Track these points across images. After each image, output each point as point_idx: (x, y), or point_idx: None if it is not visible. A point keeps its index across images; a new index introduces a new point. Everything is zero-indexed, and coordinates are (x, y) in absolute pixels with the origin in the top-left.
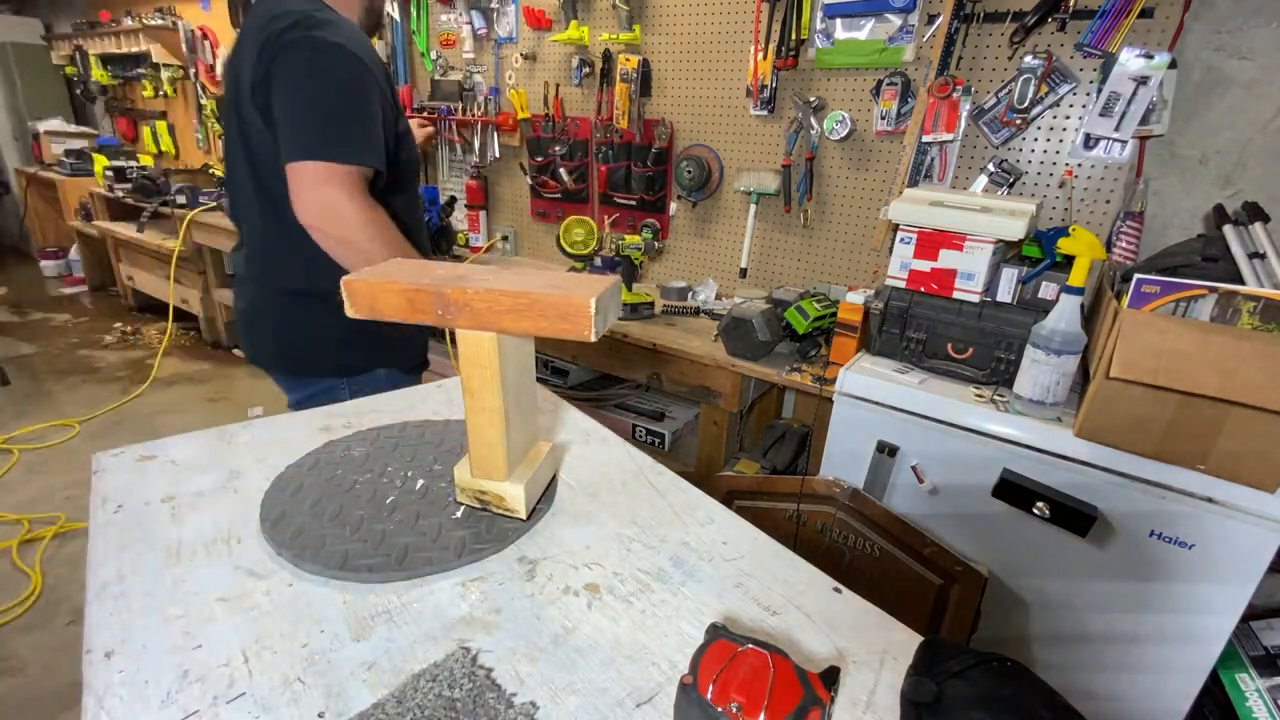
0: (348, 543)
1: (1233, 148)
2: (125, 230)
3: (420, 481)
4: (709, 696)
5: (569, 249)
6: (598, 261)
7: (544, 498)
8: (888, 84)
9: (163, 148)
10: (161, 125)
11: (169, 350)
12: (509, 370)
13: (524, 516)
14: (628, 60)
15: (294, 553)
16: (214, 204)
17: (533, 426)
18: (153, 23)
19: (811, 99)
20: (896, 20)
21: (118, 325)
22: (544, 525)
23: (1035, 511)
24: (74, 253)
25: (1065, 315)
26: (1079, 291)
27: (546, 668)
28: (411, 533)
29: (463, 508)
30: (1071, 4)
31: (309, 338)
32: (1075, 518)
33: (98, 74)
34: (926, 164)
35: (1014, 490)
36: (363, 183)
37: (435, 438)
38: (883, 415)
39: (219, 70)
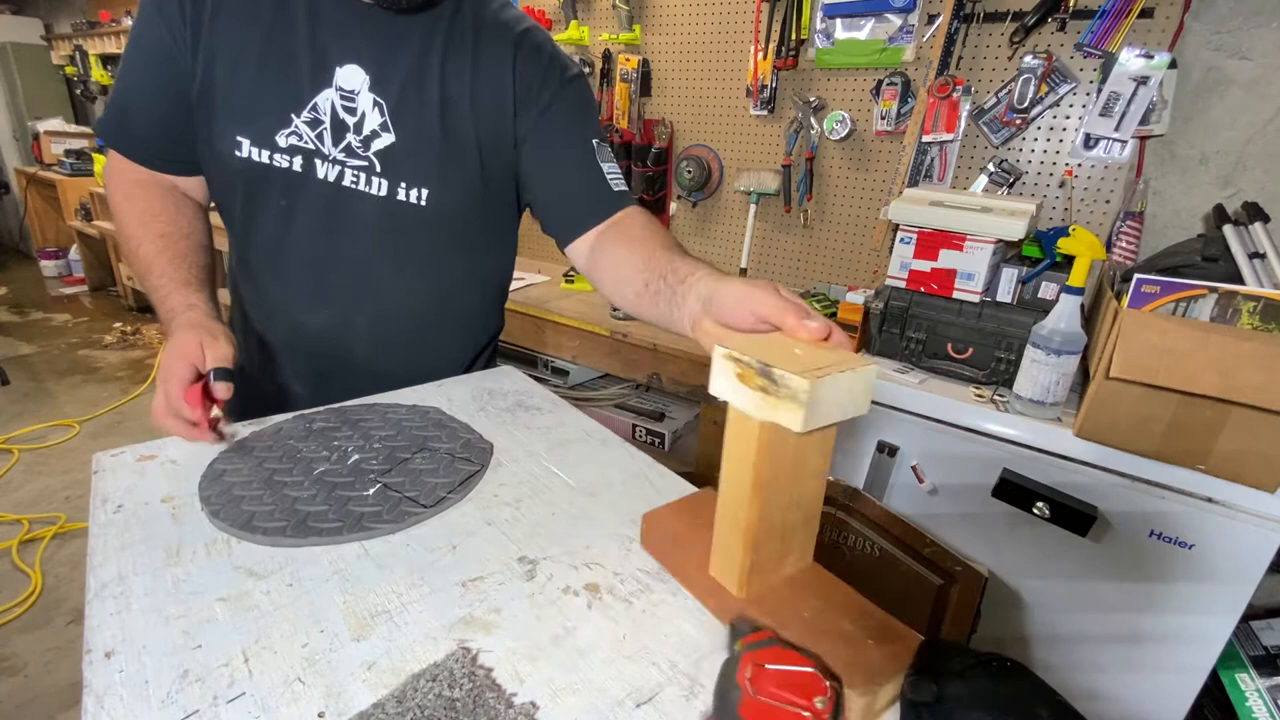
0: (259, 505)
1: (1233, 148)
2: None
3: (355, 457)
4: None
5: None
6: None
7: (460, 488)
8: (888, 84)
9: None
10: None
11: None
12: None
13: None
14: (628, 60)
15: (211, 510)
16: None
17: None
18: None
19: (811, 99)
20: (896, 20)
21: (118, 325)
22: (544, 525)
23: (1035, 511)
24: (74, 253)
25: (1065, 315)
26: (1079, 291)
27: (546, 668)
28: (319, 503)
29: (378, 486)
30: (1071, 4)
31: None
32: (1075, 517)
33: (98, 74)
34: (926, 164)
35: (1014, 490)
36: (114, 155)
37: (395, 418)
38: (883, 415)
39: None
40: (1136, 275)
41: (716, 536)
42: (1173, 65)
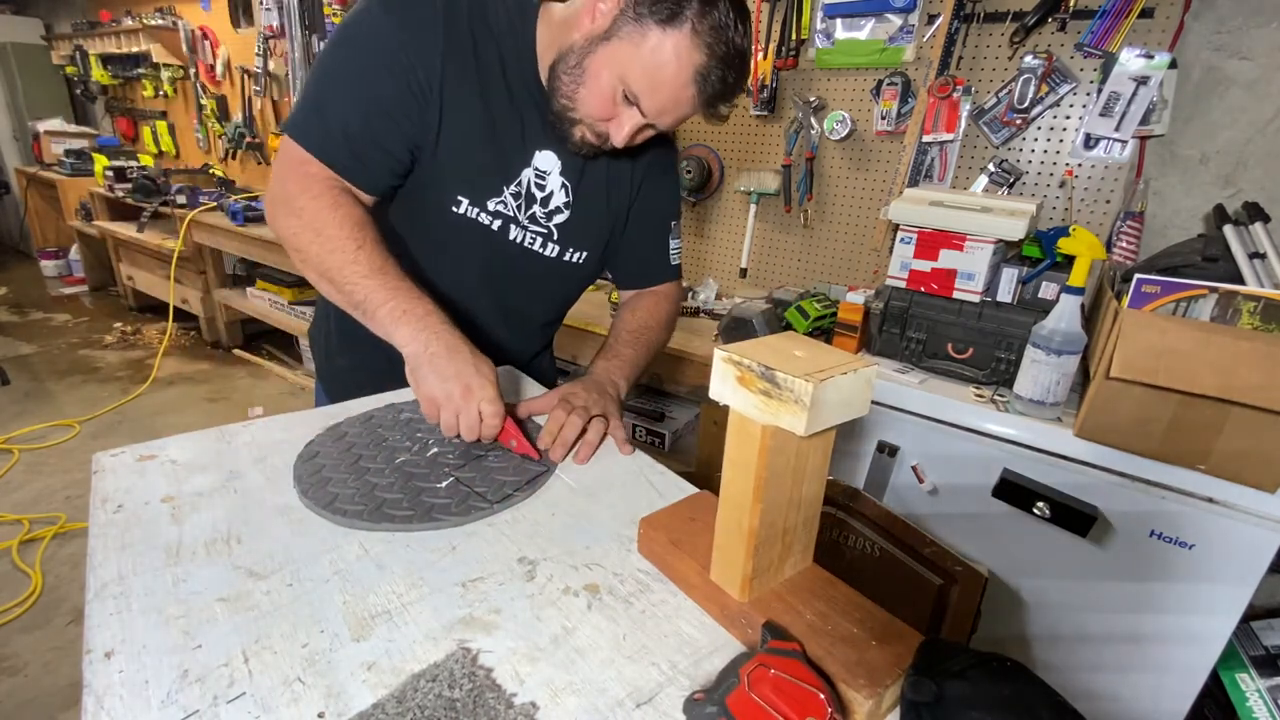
0: (343, 488)
1: (1233, 148)
2: (125, 230)
3: (434, 450)
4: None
5: None
6: None
7: (526, 487)
8: (888, 84)
9: (163, 148)
10: (161, 125)
11: (169, 350)
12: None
13: None
14: None
15: (300, 489)
16: (214, 204)
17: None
18: (153, 23)
19: (811, 99)
20: (896, 20)
21: (118, 325)
22: (544, 525)
23: (1035, 511)
24: (74, 253)
25: (1065, 315)
26: (1079, 291)
27: (546, 668)
28: (395, 491)
29: (450, 480)
30: (1071, 4)
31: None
32: (1075, 518)
33: (98, 74)
34: (926, 164)
35: (1014, 490)
36: (304, 162)
37: None
38: (883, 415)
39: (219, 70)
40: (1137, 275)
41: (718, 540)
42: (1173, 65)
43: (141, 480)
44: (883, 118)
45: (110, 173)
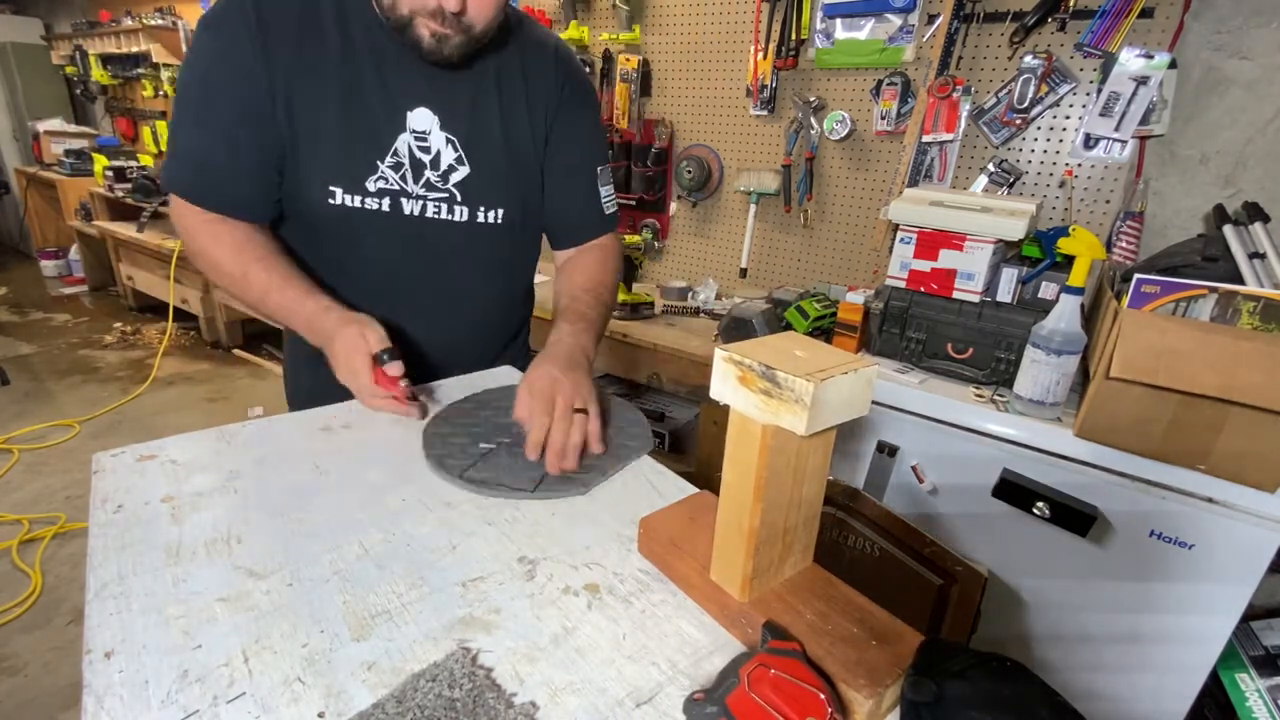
0: (463, 459)
1: (1233, 148)
2: (125, 230)
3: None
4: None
5: None
6: None
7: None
8: (888, 84)
9: (162, 148)
10: (161, 125)
11: (169, 350)
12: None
13: None
14: (628, 60)
15: (433, 461)
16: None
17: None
18: (153, 22)
19: (811, 99)
20: (896, 20)
21: (118, 325)
22: (544, 525)
23: (1035, 511)
24: (74, 253)
25: (1065, 315)
26: (1079, 291)
27: (546, 668)
28: (497, 470)
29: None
30: (1071, 4)
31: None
32: (1075, 518)
33: (98, 74)
34: (926, 164)
35: (1014, 490)
36: (181, 204)
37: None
38: (883, 415)
39: None
40: (1136, 275)
41: (718, 540)
42: (1173, 65)
43: (141, 480)
44: (882, 118)
45: (110, 173)
